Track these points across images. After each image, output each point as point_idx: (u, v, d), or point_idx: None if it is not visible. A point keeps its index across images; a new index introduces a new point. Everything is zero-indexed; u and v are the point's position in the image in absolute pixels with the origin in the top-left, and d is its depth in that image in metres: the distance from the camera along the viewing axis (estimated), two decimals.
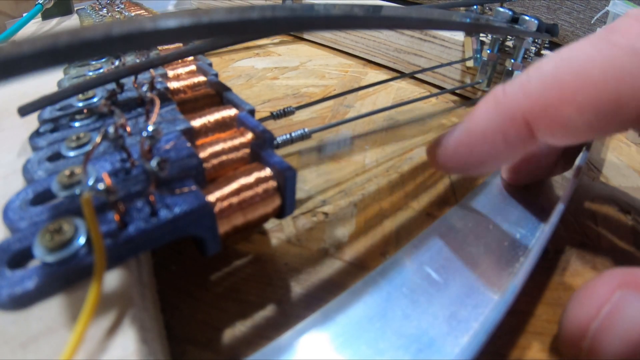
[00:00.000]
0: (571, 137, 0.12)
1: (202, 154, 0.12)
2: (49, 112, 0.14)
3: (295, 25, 0.10)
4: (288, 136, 0.15)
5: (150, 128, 0.11)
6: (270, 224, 0.15)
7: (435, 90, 0.29)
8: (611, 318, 0.10)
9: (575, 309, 0.11)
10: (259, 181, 0.12)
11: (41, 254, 0.08)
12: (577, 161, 0.19)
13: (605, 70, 0.10)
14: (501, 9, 0.22)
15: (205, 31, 0.08)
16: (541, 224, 0.16)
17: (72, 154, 0.12)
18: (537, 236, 0.15)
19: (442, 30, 0.27)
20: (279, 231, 0.15)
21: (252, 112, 0.15)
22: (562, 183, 0.19)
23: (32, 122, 0.13)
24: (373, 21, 0.12)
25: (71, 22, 0.26)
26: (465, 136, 0.13)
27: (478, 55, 0.25)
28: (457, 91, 0.28)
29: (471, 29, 0.22)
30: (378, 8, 0.13)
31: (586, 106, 0.11)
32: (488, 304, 0.13)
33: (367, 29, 0.12)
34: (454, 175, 0.16)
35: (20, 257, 0.09)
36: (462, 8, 0.24)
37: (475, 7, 0.23)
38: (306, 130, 0.16)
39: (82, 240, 0.09)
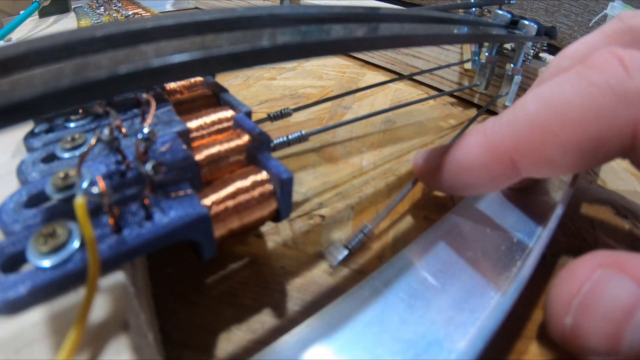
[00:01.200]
0: (556, 173, 0.12)
1: (198, 156, 0.12)
2: None
3: (307, 52, 0.10)
4: (285, 139, 0.15)
5: (145, 130, 0.11)
6: (266, 227, 0.15)
7: (433, 92, 0.29)
8: (592, 294, 0.10)
9: (558, 287, 0.11)
10: (256, 185, 0.11)
11: (35, 259, 0.08)
12: None
13: (584, 111, 0.11)
14: (500, 12, 0.21)
15: (217, 64, 0.08)
16: (538, 228, 0.16)
17: (66, 155, 0.12)
18: (534, 240, 0.15)
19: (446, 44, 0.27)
20: (275, 234, 0.15)
21: (248, 114, 0.15)
22: (559, 186, 0.19)
23: (26, 122, 0.13)
24: (383, 41, 0.12)
25: (68, 20, 0.26)
26: (451, 164, 0.14)
27: (476, 58, 0.25)
28: (455, 93, 0.28)
29: (473, 41, 0.22)
30: (378, 13, 0.13)
31: (569, 146, 0.11)
32: (485, 309, 0.12)
33: (374, 50, 0.12)
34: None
35: (13, 261, 0.09)
36: (460, 10, 0.24)
37: (474, 9, 0.23)
38: (303, 132, 0.16)
39: (76, 244, 0.09)
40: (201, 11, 0.10)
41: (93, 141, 0.10)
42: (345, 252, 0.14)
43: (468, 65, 0.26)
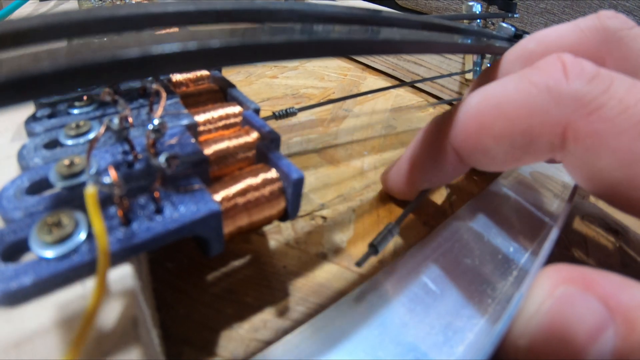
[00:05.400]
0: (493, 164, 0.13)
1: (207, 151, 0.12)
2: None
3: (349, 49, 0.09)
4: None
5: (156, 121, 0.10)
6: (268, 225, 0.15)
7: (433, 100, 0.29)
8: (552, 315, 0.09)
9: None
10: (266, 182, 0.11)
11: (38, 248, 0.08)
12: (572, 182, 0.19)
13: (519, 106, 0.11)
14: (504, 25, 0.22)
15: (248, 54, 0.07)
16: (537, 238, 0.16)
17: (70, 142, 0.11)
18: (532, 248, 0.16)
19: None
20: (277, 233, 0.15)
21: (257, 111, 0.14)
22: (554, 200, 0.19)
23: (27, 105, 0.12)
24: (383, 46, 0.12)
25: (69, 4, 0.25)
26: (403, 164, 0.16)
27: (478, 68, 0.25)
28: (455, 102, 0.28)
29: (477, 52, 0.22)
30: (381, 16, 0.13)
31: (501, 137, 0.12)
32: (483, 316, 0.13)
33: (374, 54, 0.12)
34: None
35: (14, 250, 0.08)
36: (465, 21, 0.24)
37: (478, 21, 0.24)
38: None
39: (82, 235, 0.08)
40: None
41: (102, 129, 0.10)
42: (371, 250, 0.13)
43: (469, 76, 0.26)
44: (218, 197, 0.10)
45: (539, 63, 0.12)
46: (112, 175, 0.09)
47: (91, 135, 0.11)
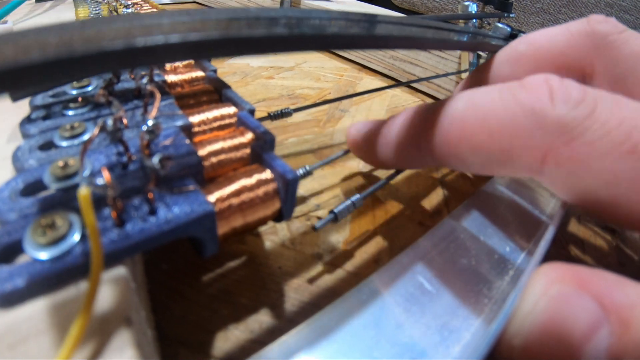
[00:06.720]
0: (465, 170, 0.13)
1: (201, 152, 0.12)
2: (41, 99, 0.13)
3: (324, 44, 0.09)
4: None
5: (150, 122, 0.10)
6: (264, 226, 0.15)
7: (429, 100, 0.29)
8: (547, 314, 0.10)
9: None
10: (260, 183, 0.11)
11: (32, 250, 0.08)
12: None
13: (503, 124, 0.11)
14: (500, 25, 0.22)
15: (226, 47, 0.07)
16: (532, 238, 0.16)
17: (65, 143, 0.11)
18: (527, 249, 0.16)
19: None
20: (272, 234, 0.15)
21: (252, 111, 0.14)
22: (550, 199, 0.19)
23: (23, 107, 0.12)
24: (378, 40, 0.12)
25: (65, 6, 0.25)
26: (382, 139, 0.15)
27: (474, 68, 0.26)
28: None
29: (471, 49, 0.22)
30: (374, 17, 0.13)
31: (480, 149, 0.12)
32: (479, 315, 0.13)
33: (369, 48, 0.12)
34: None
35: (8, 252, 0.08)
36: (461, 21, 0.24)
37: (474, 20, 0.24)
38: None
39: (76, 237, 0.08)
40: (215, 9, 0.10)
41: (96, 130, 0.10)
42: (331, 216, 0.13)
43: (465, 75, 0.26)
44: (212, 197, 0.10)
45: (527, 81, 0.12)
46: (105, 177, 0.09)
47: (86, 137, 0.11)
